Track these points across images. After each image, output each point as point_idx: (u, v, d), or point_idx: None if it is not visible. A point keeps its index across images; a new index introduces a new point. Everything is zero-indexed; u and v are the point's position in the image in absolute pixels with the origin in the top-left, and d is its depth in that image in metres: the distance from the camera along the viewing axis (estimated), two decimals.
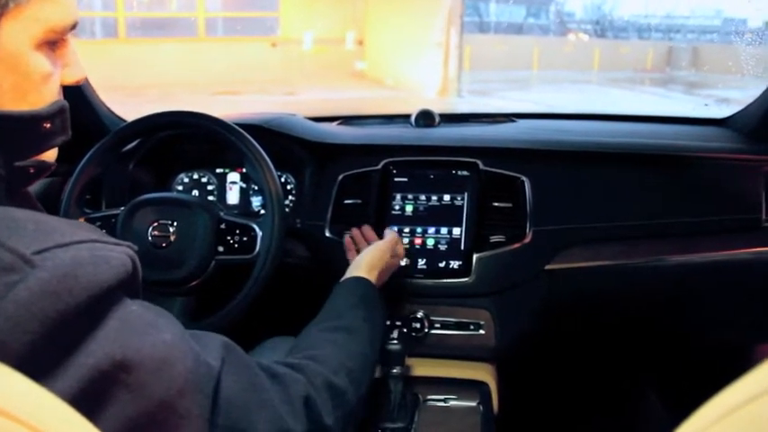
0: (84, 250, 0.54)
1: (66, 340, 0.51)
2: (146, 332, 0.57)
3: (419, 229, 1.41)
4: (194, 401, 0.59)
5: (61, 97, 0.71)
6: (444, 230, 1.40)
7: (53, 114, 0.69)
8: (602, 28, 15.91)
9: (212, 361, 0.64)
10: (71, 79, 0.72)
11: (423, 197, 1.44)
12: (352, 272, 1.13)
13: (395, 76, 11.00)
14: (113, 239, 0.59)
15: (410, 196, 1.44)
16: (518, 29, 16.38)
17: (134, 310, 0.57)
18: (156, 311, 0.62)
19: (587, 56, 15.06)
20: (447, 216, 1.41)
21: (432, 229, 1.41)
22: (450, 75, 10.38)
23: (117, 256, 0.57)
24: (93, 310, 0.53)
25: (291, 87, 10.42)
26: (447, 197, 1.42)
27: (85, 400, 0.50)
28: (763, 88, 1.49)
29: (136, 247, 0.61)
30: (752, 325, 1.61)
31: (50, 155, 0.73)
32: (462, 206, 1.41)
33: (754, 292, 1.52)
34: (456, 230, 1.40)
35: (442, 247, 1.40)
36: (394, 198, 1.45)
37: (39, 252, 0.51)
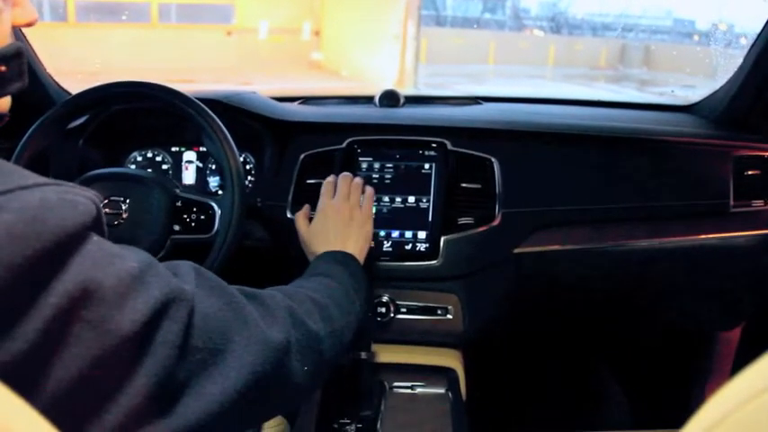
0: (50, 192, 0.49)
1: (30, 286, 0.45)
2: (110, 262, 0.52)
3: (385, 209, 1.36)
4: (162, 330, 0.55)
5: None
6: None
7: (9, 57, 0.64)
8: (558, 25, 16.07)
9: (186, 285, 0.60)
10: (22, 20, 0.66)
11: (388, 177, 1.39)
12: (319, 244, 1.10)
13: (351, 67, 10.93)
14: (76, 185, 0.53)
15: (375, 176, 1.39)
16: (474, 23, 16.46)
17: (96, 241, 0.52)
18: (122, 245, 0.57)
19: (542, 52, 15.21)
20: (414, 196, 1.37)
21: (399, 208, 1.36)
22: (406, 67, 10.35)
23: (84, 201, 0.52)
24: (58, 254, 0.48)
25: (247, 77, 10.27)
26: (414, 177, 1.38)
27: (46, 345, 0.46)
28: (713, 86, 1.51)
29: (101, 196, 0.56)
30: (716, 312, 1.62)
31: (3, 104, 0.68)
32: (429, 187, 1.37)
33: (721, 279, 1.51)
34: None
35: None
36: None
37: (2, 193, 0.46)
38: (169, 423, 0.56)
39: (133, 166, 1.57)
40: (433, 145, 1.39)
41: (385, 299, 1.35)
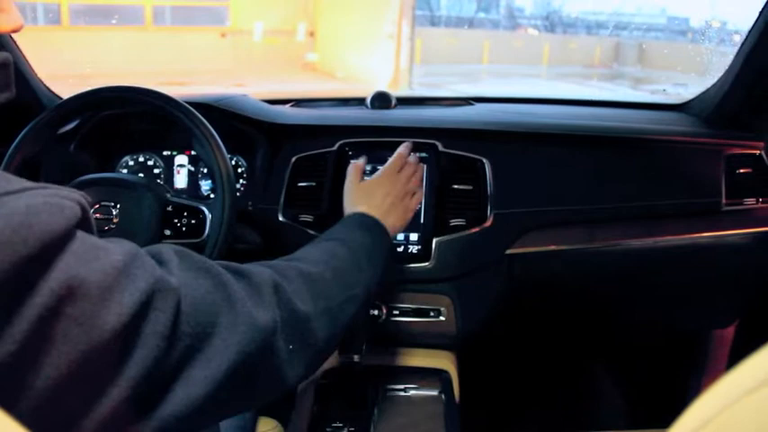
0: (37, 197, 0.49)
1: (17, 290, 0.45)
2: (95, 257, 0.51)
3: None
4: (150, 321, 0.55)
5: None
6: None
7: None
8: (552, 23, 16.08)
9: (172, 274, 0.60)
10: (7, 26, 0.65)
11: None
12: (361, 202, 1.08)
13: (346, 68, 10.91)
14: (63, 187, 0.53)
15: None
16: (468, 23, 16.45)
17: (80, 237, 0.52)
18: (108, 238, 0.56)
19: (537, 50, 15.20)
20: None
21: None
22: (401, 67, 10.35)
23: (70, 204, 0.51)
24: (44, 257, 0.48)
25: (241, 79, 10.25)
26: None
27: (34, 345, 0.45)
28: (705, 83, 1.51)
29: (88, 198, 0.55)
30: (710, 310, 1.62)
31: None
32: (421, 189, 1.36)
33: (714, 277, 1.51)
34: None
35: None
36: None
37: None
38: (158, 412, 0.56)
39: (125, 171, 1.56)
40: (425, 147, 1.39)
41: (378, 301, 1.34)
